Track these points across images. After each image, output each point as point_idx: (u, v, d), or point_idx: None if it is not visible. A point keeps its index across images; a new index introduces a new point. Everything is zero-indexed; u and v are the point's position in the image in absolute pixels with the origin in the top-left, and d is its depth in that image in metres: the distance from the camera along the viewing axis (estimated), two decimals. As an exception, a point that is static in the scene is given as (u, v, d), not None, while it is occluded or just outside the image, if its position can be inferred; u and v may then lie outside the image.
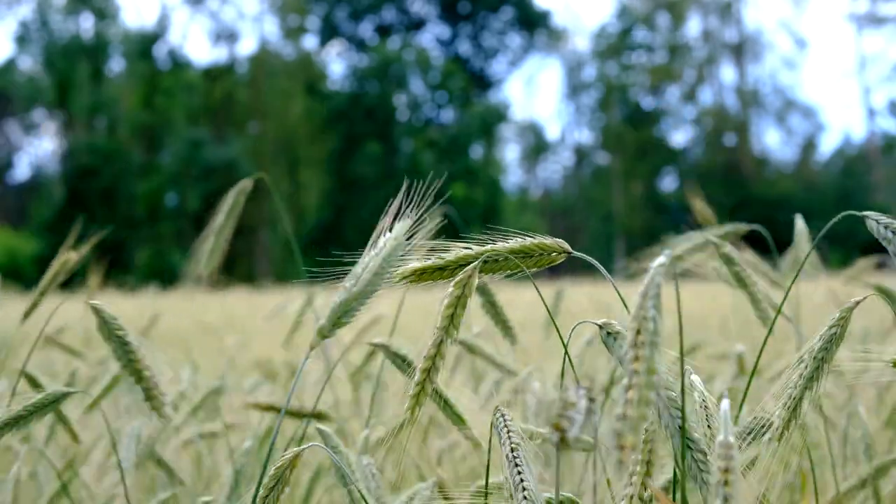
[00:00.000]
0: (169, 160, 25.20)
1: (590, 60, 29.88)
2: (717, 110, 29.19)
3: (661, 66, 29.43)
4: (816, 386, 0.70)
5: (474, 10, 29.50)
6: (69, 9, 26.12)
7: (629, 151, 28.28)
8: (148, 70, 26.33)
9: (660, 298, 0.48)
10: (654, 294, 0.48)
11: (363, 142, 25.61)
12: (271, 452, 0.69)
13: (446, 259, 0.66)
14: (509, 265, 0.66)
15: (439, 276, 0.66)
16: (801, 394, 0.70)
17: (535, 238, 0.67)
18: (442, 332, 0.64)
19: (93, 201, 23.52)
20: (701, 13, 29.79)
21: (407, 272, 0.66)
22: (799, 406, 0.70)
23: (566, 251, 0.67)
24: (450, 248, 0.66)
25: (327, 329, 0.60)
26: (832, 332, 0.71)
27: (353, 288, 0.61)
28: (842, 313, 0.71)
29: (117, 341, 0.76)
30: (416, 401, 0.64)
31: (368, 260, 0.63)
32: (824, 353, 0.71)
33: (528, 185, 31.19)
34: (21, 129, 26.99)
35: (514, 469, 0.64)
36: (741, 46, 29.43)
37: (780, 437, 0.70)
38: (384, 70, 27.06)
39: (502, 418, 0.67)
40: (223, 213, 1.20)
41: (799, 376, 0.71)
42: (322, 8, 28.70)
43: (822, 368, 0.70)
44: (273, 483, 0.69)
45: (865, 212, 0.71)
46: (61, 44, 25.93)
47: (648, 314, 0.48)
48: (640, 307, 0.48)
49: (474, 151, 27.26)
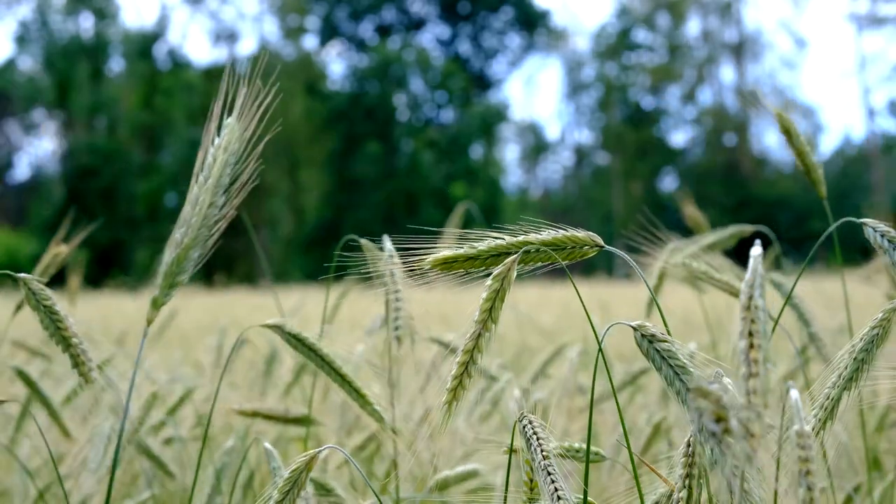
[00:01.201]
0: (169, 160, 25.19)
1: (590, 60, 29.88)
2: (717, 110, 29.19)
3: (661, 66, 29.42)
4: (855, 386, 0.69)
5: (474, 10, 29.49)
6: (69, 9, 26.11)
7: (629, 151, 28.28)
8: (148, 70, 26.32)
9: (764, 288, 0.48)
10: (760, 283, 0.48)
11: (363, 142, 25.60)
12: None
13: (478, 248, 0.64)
14: (541, 257, 0.65)
15: (470, 265, 0.64)
16: (840, 394, 0.69)
17: (567, 230, 0.65)
18: (480, 325, 0.63)
19: (93, 201, 23.51)
20: (701, 13, 29.79)
21: (438, 259, 0.64)
22: (836, 406, 0.69)
23: (599, 245, 0.66)
24: (482, 237, 0.64)
25: (163, 295, 0.56)
26: (874, 333, 0.70)
27: (184, 236, 0.57)
28: (885, 314, 0.70)
29: (45, 311, 0.75)
30: (454, 395, 0.63)
31: (198, 192, 0.56)
32: (865, 354, 0.69)
33: (528, 185, 31.21)
34: (21, 129, 27.00)
35: (548, 478, 0.63)
36: (741, 46, 29.43)
37: (816, 436, 0.69)
38: (384, 70, 27.05)
39: (531, 425, 0.65)
40: None
41: (838, 376, 0.69)
42: (322, 8, 28.69)
43: (862, 369, 0.69)
44: (289, 486, 0.68)
45: (864, 219, 0.71)
46: (61, 44, 25.92)
47: (759, 304, 0.47)
48: (749, 296, 0.47)
49: (474, 151, 27.25)
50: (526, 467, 0.66)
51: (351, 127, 25.82)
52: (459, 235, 0.64)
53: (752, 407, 0.45)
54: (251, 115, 0.55)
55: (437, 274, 0.64)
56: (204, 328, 4.70)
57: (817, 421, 0.69)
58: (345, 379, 0.86)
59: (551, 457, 0.64)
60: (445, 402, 0.63)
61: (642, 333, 0.61)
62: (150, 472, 1.26)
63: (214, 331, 1.90)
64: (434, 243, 0.64)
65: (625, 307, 4.18)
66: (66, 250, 1.15)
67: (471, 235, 0.65)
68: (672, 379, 0.59)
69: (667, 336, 0.60)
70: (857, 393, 0.69)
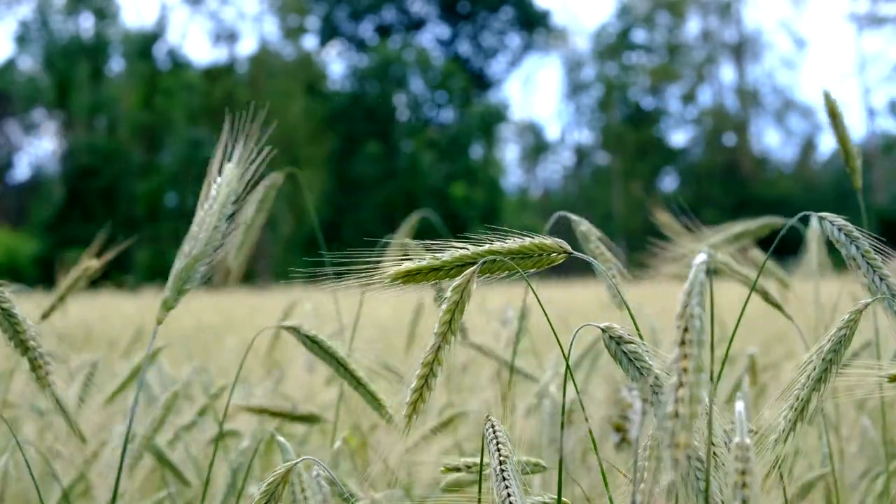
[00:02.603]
0: (169, 160, 25.19)
1: (590, 60, 29.88)
2: (717, 110, 29.19)
3: (661, 66, 29.42)
4: (825, 387, 0.70)
5: (474, 10, 29.49)
6: (69, 9, 26.11)
7: (629, 151, 28.28)
8: (148, 70, 26.32)
9: (703, 296, 0.47)
10: (699, 292, 0.47)
11: (363, 142, 25.60)
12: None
13: (442, 259, 0.63)
14: (507, 266, 0.64)
15: (434, 276, 0.63)
16: (809, 395, 0.69)
17: (534, 238, 0.65)
18: (440, 338, 0.62)
19: (93, 201, 23.51)
20: (700, 13, 29.79)
21: (400, 272, 0.63)
22: (806, 407, 0.69)
23: (566, 251, 0.65)
24: (446, 247, 0.63)
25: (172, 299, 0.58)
26: (841, 334, 0.70)
27: (192, 250, 0.59)
28: (851, 315, 0.70)
29: (2, 313, 0.74)
30: (413, 408, 0.62)
31: (203, 215, 0.60)
32: (833, 354, 0.70)
33: (528, 185, 31.21)
34: (21, 129, 27.00)
35: (503, 483, 0.63)
36: (741, 46, 29.43)
37: (785, 439, 0.69)
38: (384, 70, 27.05)
39: (492, 429, 0.65)
40: (253, 206, 1.16)
41: (807, 377, 0.70)
42: (322, 8, 28.69)
43: (831, 370, 0.70)
44: (266, 499, 0.68)
45: (822, 213, 0.71)
46: (61, 44, 25.92)
47: (694, 312, 0.47)
48: (685, 305, 0.47)
49: (474, 151, 27.26)
50: None
51: (351, 127, 25.82)
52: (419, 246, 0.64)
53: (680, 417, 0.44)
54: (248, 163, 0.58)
55: (401, 286, 0.63)
56: (204, 328, 4.70)
57: (787, 422, 0.70)
58: (359, 382, 0.86)
59: (507, 461, 0.63)
60: (406, 415, 0.62)
61: (610, 335, 0.61)
62: (168, 480, 1.26)
63: (215, 331, 1.91)
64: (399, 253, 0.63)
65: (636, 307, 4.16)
66: (97, 265, 1.14)
67: (434, 246, 0.63)
68: (638, 380, 0.59)
69: (634, 338, 0.60)
70: (826, 394, 0.70)
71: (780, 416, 0.70)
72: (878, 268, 0.68)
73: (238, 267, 1.16)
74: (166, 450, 1.25)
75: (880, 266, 0.68)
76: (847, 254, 0.69)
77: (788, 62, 34.65)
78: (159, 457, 1.23)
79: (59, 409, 0.77)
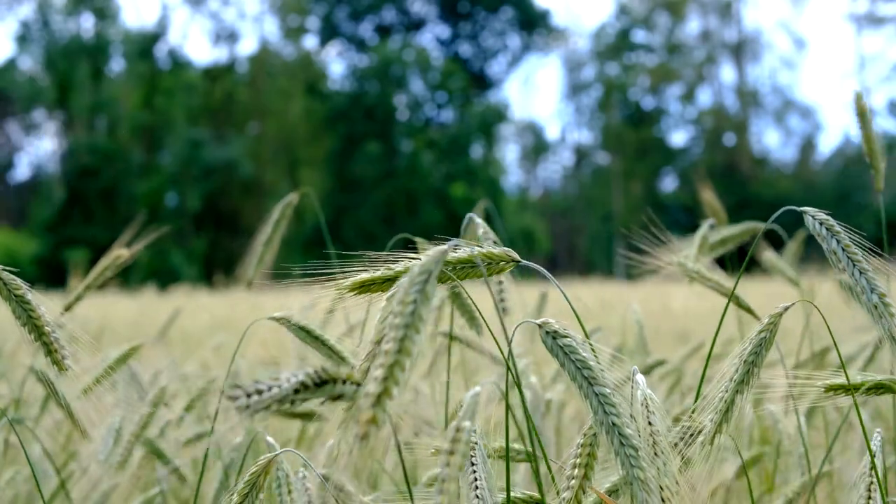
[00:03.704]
0: (169, 160, 25.19)
1: (589, 60, 29.89)
2: (717, 110, 29.20)
3: (661, 66, 29.43)
4: (747, 390, 0.71)
5: (474, 10, 29.50)
6: (69, 9, 26.12)
7: (629, 151, 28.28)
8: (148, 70, 26.32)
9: (427, 284, 0.49)
10: (422, 281, 0.49)
11: (363, 142, 25.61)
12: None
13: (395, 270, 0.64)
14: (458, 275, 0.65)
15: (389, 286, 0.64)
16: (733, 397, 0.70)
17: (482, 248, 0.65)
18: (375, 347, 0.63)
19: (93, 201, 23.52)
20: (700, 13, 29.80)
21: (356, 283, 0.64)
22: (731, 409, 0.70)
23: (514, 260, 0.66)
24: (399, 258, 0.64)
25: None
26: (762, 337, 0.71)
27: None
28: (771, 318, 0.71)
29: (16, 300, 0.75)
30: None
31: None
32: (755, 356, 0.71)
33: (528, 185, 31.22)
34: (21, 129, 27.01)
35: (470, 469, 0.64)
36: (740, 46, 29.43)
37: (711, 441, 0.70)
38: (384, 70, 27.05)
39: None
40: (270, 225, 1.26)
41: (730, 380, 0.71)
42: (322, 8, 28.70)
43: (752, 372, 0.71)
44: (247, 490, 0.70)
45: (804, 207, 0.72)
46: (62, 44, 25.92)
47: (412, 298, 0.49)
48: (405, 291, 0.49)
49: (474, 151, 27.26)
50: None
51: (351, 127, 25.82)
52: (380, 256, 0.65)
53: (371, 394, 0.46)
54: None
55: (356, 296, 0.64)
56: (205, 329, 4.70)
57: (713, 424, 0.70)
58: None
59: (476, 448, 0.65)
60: None
61: (546, 331, 0.61)
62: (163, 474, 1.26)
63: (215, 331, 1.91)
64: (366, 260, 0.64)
65: (622, 307, 4.17)
66: (127, 254, 1.15)
67: (386, 256, 0.65)
68: (574, 374, 0.60)
69: (570, 332, 0.61)
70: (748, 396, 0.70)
71: (707, 419, 0.70)
72: (857, 262, 0.68)
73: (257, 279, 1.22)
74: (164, 444, 1.26)
75: (860, 260, 0.68)
76: (828, 248, 0.70)
77: (788, 62, 34.68)
78: (151, 449, 1.23)
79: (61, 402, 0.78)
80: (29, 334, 0.75)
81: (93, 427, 1.13)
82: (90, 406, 1.06)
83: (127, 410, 1.13)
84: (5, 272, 0.75)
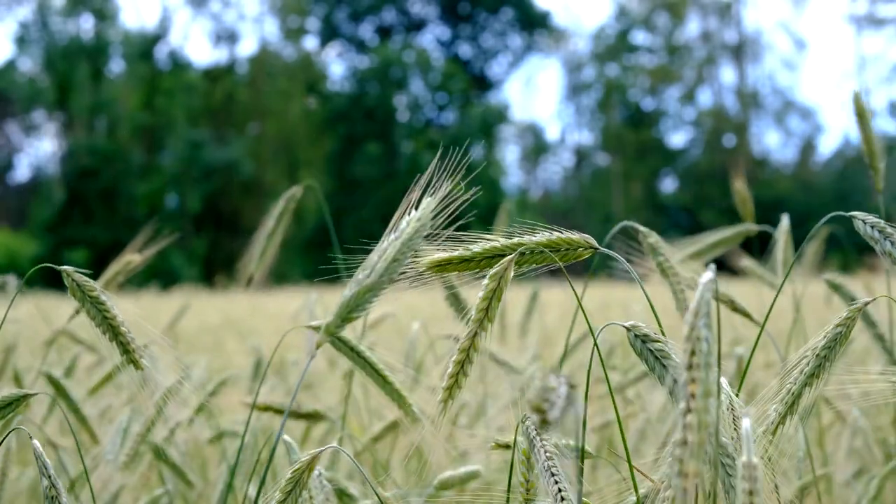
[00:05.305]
0: (169, 161, 25.18)
1: (589, 61, 29.88)
2: (717, 111, 29.18)
3: (661, 67, 29.42)
4: (817, 383, 0.70)
5: (474, 11, 29.49)
6: (69, 10, 26.11)
7: (629, 152, 28.27)
8: (148, 71, 26.32)
9: (711, 317, 0.45)
10: (706, 313, 0.45)
11: (363, 143, 25.60)
12: (273, 456, 0.69)
13: (473, 251, 0.64)
14: (536, 259, 0.65)
15: (465, 267, 0.64)
16: (801, 389, 0.70)
17: (562, 233, 0.66)
18: (476, 325, 0.63)
19: (93, 202, 23.51)
20: (700, 14, 29.79)
21: (433, 262, 0.64)
22: (797, 401, 0.70)
23: (593, 247, 0.66)
24: (476, 239, 0.64)
25: (335, 325, 0.58)
26: (837, 331, 0.70)
27: (366, 279, 0.58)
28: (849, 313, 0.71)
29: (91, 301, 0.76)
30: (449, 394, 0.63)
31: (387, 246, 0.59)
32: (828, 351, 0.70)
33: (529, 186, 31.20)
34: (21, 130, 27.00)
35: (552, 479, 0.63)
36: (740, 47, 29.43)
37: (774, 431, 0.69)
38: (384, 71, 27.05)
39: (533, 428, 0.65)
40: (273, 218, 1.23)
41: (800, 372, 0.70)
42: (322, 9, 28.69)
43: (824, 366, 0.70)
44: (290, 487, 0.68)
45: (853, 212, 0.72)
46: (61, 45, 25.91)
47: (701, 334, 0.45)
48: (692, 327, 0.45)
49: (474, 152, 27.19)
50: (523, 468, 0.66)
51: (351, 128, 25.81)
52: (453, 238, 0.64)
53: (689, 445, 0.43)
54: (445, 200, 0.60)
55: (432, 276, 0.64)
56: (205, 329, 4.70)
57: (777, 415, 0.70)
58: (385, 380, 0.87)
59: (555, 457, 0.64)
60: (441, 400, 0.63)
61: (635, 334, 0.61)
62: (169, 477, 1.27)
63: (215, 331, 1.91)
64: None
65: (622, 308, 4.17)
66: (139, 260, 1.15)
67: (465, 238, 0.64)
68: (664, 377, 0.60)
69: (660, 336, 0.61)
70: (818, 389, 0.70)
71: (771, 409, 0.70)
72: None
73: (259, 274, 1.20)
74: (170, 447, 1.26)
75: None
76: (882, 250, 0.70)
77: (788, 63, 34.67)
78: (156, 453, 1.23)
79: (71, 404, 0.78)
80: (104, 334, 0.76)
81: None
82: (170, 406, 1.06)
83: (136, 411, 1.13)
84: (77, 273, 0.76)
